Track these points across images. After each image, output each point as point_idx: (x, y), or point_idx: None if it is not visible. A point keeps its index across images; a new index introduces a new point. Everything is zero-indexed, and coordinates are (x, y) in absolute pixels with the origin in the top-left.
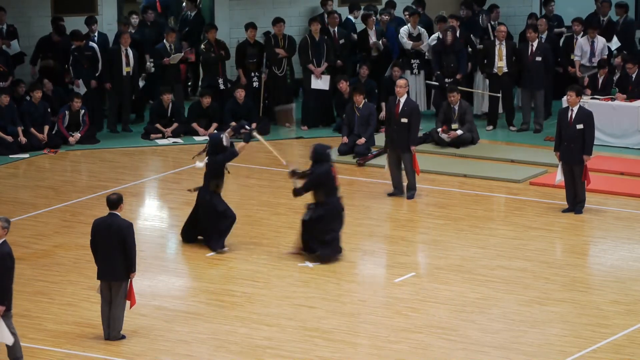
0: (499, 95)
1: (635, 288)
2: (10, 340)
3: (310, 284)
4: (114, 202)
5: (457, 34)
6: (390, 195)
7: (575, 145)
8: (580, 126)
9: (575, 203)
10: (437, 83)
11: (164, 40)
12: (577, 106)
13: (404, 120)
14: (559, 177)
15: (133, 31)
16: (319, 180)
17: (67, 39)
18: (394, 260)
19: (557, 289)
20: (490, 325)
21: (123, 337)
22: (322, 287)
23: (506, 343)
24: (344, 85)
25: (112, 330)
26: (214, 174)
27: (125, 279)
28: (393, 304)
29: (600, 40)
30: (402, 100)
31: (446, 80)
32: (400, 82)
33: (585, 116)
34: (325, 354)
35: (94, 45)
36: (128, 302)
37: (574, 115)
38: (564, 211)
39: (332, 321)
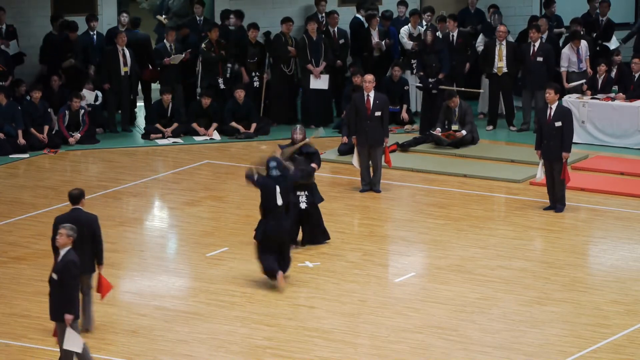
0: (481, 91)
1: (635, 288)
2: (79, 348)
3: (310, 284)
4: (77, 196)
5: (456, 34)
6: (362, 191)
7: (554, 142)
8: (558, 123)
9: (555, 201)
10: (420, 84)
11: (164, 40)
12: (556, 104)
13: (378, 113)
14: (539, 175)
15: (122, 29)
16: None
17: (80, 36)
18: (394, 260)
19: (557, 289)
20: (490, 325)
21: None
22: (322, 287)
23: (506, 343)
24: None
25: (89, 321)
26: None
27: (93, 270)
28: (393, 304)
29: (583, 45)
30: (372, 94)
31: (430, 80)
32: (368, 77)
33: (564, 113)
34: (325, 354)
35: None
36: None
37: (552, 113)
38: (546, 209)
39: (332, 321)
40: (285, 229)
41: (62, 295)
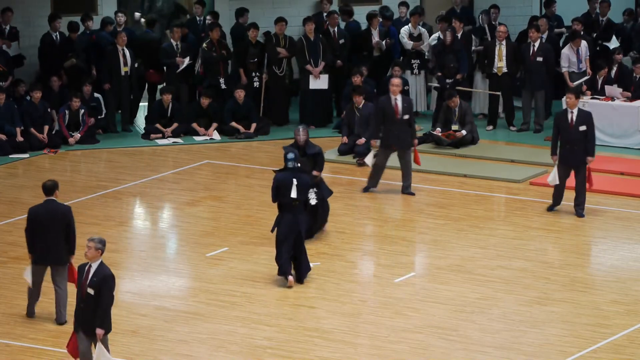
0: (498, 93)
1: (635, 288)
2: None
3: (311, 283)
4: (50, 187)
5: (459, 35)
6: (366, 191)
7: (578, 147)
8: (582, 128)
9: (575, 205)
10: (438, 84)
11: (170, 39)
12: (577, 108)
13: (406, 117)
14: (553, 178)
15: (119, 29)
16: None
17: (83, 36)
18: (394, 260)
19: (557, 289)
20: (490, 325)
21: (66, 321)
22: (322, 287)
23: (506, 343)
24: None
25: (62, 314)
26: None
27: (67, 262)
28: (393, 304)
29: (582, 45)
30: (399, 98)
31: (447, 81)
32: (395, 81)
33: (587, 117)
34: (325, 354)
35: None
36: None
37: (574, 118)
38: (550, 209)
39: (332, 321)
40: (301, 222)
41: (96, 309)
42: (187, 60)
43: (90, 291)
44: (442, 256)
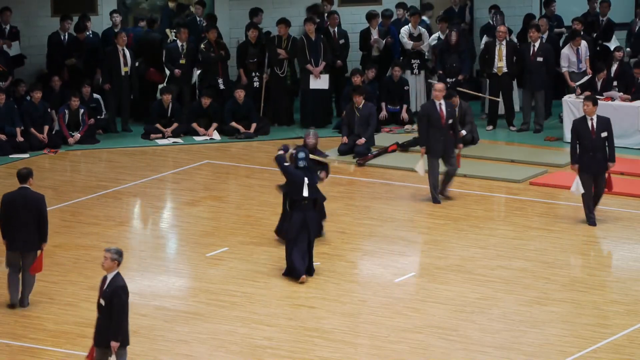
0: (499, 99)
1: (635, 288)
2: None
3: (310, 284)
4: (25, 175)
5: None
6: (437, 202)
7: (601, 154)
8: (604, 134)
9: (589, 212)
10: (437, 81)
11: (177, 40)
12: (595, 115)
13: (450, 121)
14: (577, 188)
15: (116, 30)
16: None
17: (91, 37)
18: (394, 260)
19: (557, 289)
20: (490, 325)
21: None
22: (322, 287)
23: (506, 343)
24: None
25: (26, 298)
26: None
27: (38, 248)
28: (393, 304)
29: (582, 45)
30: (443, 103)
31: (448, 80)
32: (439, 86)
33: (606, 123)
34: (325, 354)
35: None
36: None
37: (595, 125)
38: (591, 223)
39: (332, 321)
40: (312, 219)
41: (109, 322)
42: (196, 71)
43: (102, 302)
44: (442, 256)
